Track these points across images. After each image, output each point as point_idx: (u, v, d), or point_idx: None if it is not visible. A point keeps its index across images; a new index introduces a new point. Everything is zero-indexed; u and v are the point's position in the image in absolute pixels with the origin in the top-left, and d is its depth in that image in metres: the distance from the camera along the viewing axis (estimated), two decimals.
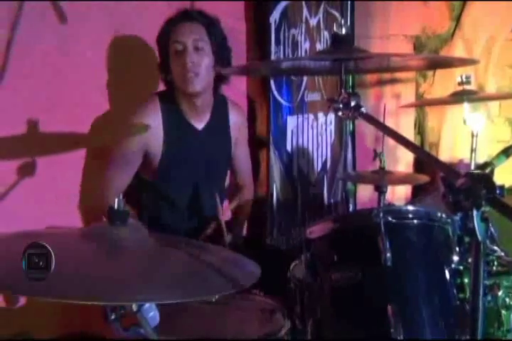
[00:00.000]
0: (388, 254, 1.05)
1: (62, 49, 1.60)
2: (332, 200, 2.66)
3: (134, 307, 0.91)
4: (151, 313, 0.93)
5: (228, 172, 1.84)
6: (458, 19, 3.12)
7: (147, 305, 0.92)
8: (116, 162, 1.56)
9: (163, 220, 1.64)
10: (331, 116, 2.61)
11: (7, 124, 1.49)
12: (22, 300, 1.53)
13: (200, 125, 1.64)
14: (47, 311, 1.58)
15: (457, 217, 1.10)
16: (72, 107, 1.63)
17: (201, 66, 1.54)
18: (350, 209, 2.71)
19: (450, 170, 0.80)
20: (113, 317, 0.92)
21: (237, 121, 1.75)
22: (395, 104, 2.88)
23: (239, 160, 1.80)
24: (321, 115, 2.57)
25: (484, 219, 0.76)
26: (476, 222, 0.75)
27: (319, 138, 2.57)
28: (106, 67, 1.71)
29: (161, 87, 1.74)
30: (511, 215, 0.74)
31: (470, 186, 0.75)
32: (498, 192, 0.75)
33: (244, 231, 2.16)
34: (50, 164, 1.57)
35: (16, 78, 1.50)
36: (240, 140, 1.77)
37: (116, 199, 0.94)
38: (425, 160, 0.85)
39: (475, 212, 0.75)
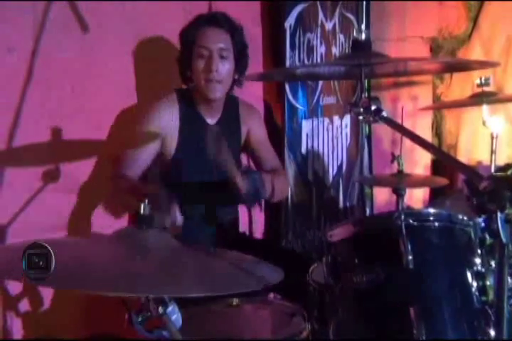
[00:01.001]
0: (410, 257, 1.05)
1: (84, 58, 1.63)
2: (348, 204, 2.66)
3: (160, 309, 0.93)
4: (174, 316, 0.95)
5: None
6: (475, 20, 3.10)
7: (170, 307, 0.94)
8: (130, 155, 1.58)
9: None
10: (347, 120, 2.62)
11: (32, 132, 1.53)
12: (47, 303, 1.57)
13: (212, 120, 1.69)
14: (71, 313, 1.61)
15: (479, 219, 1.10)
16: (95, 115, 1.66)
17: (224, 74, 1.59)
18: (367, 212, 2.70)
19: (473, 173, 0.81)
20: (139, 319, 0.94)
21: (246, 113, 1.78)
22: (412, 106, 2.87)
23: (258, 147, 1.80)
24: (336, 118, 2.58)
25: (508, 221, 0.76)
26: (501, 224, 0.75)
27: (334, 141, 2.58)
28: (128, 74, 1.75)
29: None
30: None
31: (494, 188, 0.76)
32: None
33: (260, 234, 2.18)
34: (74, 170, 1.61)
35: (40, 87, 1.53)
36: (254, 128, 1.79)
37: (142, 205, 0.97)
38: (448, 163, 0.86)
39: (499, 214, 0.75)
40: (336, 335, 1.11)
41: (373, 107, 1.06)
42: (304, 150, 2.37)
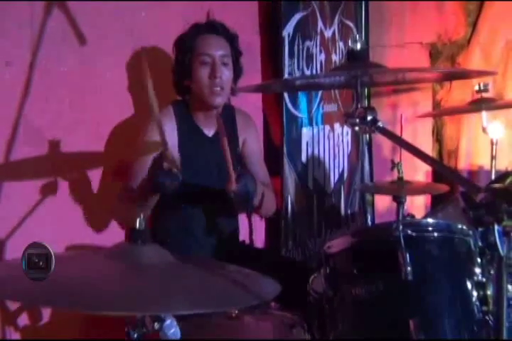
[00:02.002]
0: (409, 268, 1.04)
1: (82, 70, 1.63)
2: (349, 211, 2.65)
3: (156, 325, 0.92)
4: (172, 330, 0.94)
5: None
6: (474, 25, 3.10)
7: (168, 321, 0.93)
8: (135, 167, 1.56)
9: (177, 228, 1.63)
10: (348, 128, 2.61)
11: (30, 145, 1.53)
12: (46, 317, 1.56)
13: (210, 132, 1.67)
14: (70, 327, 1.60)
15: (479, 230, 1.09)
16: (94, 127, 1.66)
17: (226, 80, 1.59)
18: (369, 219, 2.69)
19: (470, 184, 0.80)
20: (135, 335, 0.93)
21: (243, 124, 1.77)
22: (412, 112, 2.87)
23: (250, 160, 1.77)
24: (337, 126, 2.57)
25: (506, 233, 0.75)
26: (498, 237, 0.74)
27: (336, 149, 2.57)
28: (126, 85, 1.75)
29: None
30: None
31: (490, 200, 0.75)
32: None
33: (261, 243, 2.17)
34: (72, 183, 1.61)
35: (38, 100, 1.53)
36: (249, 140, 1.78)
37: (137, 220, 0.96)
38: (445, 174, 0.85)
39: (496, 227, 0.74)
40: None
41: (369, 117, 1.05)
42: (304, 158, 2.36)
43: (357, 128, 1.07)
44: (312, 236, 2.39)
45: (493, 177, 1.99)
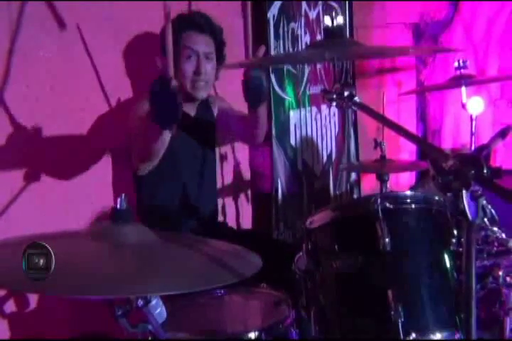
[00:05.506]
0: (387, 239, 1.06)
1: (63, 56, 1.62)
2: (338, 192, 2.67)
3: (140, 302, 0.93)
4: (158, 310, 0.95)
5: None
6: (456, 4, 3.10)
7: (154, 301, 0.94)
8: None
9: (164, 206, 1.66)
10: (335, 108, 2.62)
11: (11, 131, 1.52)
12: (33, 303, 1.56)
13: (192, 112, 1.73)
14: (58, 313, 1.61)
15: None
16: (75, 112, 1.65)
17: (210, 74, 1.65)
18: None
19: (439, 151, 0.82)
20: (119, 312, 0.94)
21: (219, 105, 1.84)
22: (396, 93, 2.88)
23: (232, 113, 1.82)
24: (324, 107, 2.58)
25: (475, 198, 0.77)
26: (466, 202, 0.76)
27: (323, 130, 2.58)
28: (107, 71, 1.74)
29: None
30: (501, 193, 0.75)
31: (459, 167, 0.77)
32: (488, 172, 0.76)
33: (248, 225, 2.19)
34: (54, 169, 1.61)
35: (18, 85, 1.52)
36: (222, 104, 1.84)
37: (118, 199, 0.96)
38: (413, 142, 0.87)
39: (464, 192, 0.76)
40: (316, 321, 1.12)
41: (346, 93, 1.06)
42: (292, 140, 2.38)
43: (334, 103, 1.08)
44: (302, 218, 2.41)
45: None
